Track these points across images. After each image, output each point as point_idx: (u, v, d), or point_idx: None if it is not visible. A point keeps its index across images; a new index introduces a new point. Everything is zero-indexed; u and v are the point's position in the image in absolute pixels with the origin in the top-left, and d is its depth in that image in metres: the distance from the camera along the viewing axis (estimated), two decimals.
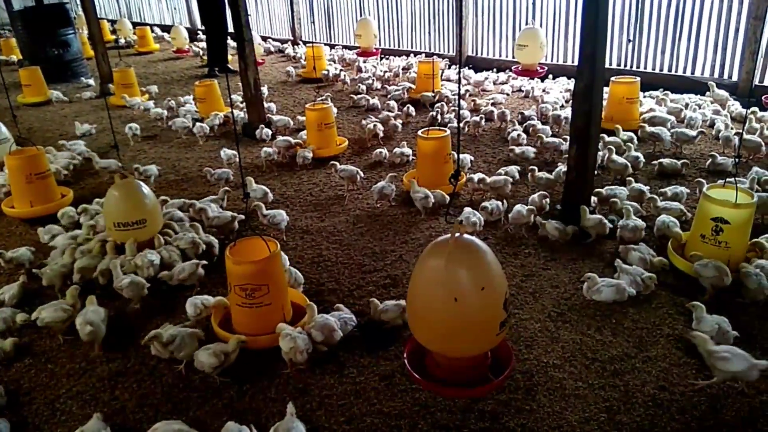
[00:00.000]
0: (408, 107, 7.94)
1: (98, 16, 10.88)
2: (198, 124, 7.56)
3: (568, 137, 5.15)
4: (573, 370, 3.32)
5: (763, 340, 3.48)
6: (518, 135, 6.60)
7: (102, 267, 4.26)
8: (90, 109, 9.70)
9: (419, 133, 5.70)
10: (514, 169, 5.61)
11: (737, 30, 7.98)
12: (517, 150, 6.18)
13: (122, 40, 15.66)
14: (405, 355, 2.88)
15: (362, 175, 5.85)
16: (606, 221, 4.50)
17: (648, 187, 5.14)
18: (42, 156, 5.70)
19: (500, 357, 2.89)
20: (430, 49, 11.74)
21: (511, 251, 4.59)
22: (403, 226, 5.09)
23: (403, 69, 10.41)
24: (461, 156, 5.81)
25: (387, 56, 11.90)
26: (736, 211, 3.88)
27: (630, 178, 5.30)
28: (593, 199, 4.94)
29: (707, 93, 7.82)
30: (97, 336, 3.60)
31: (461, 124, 7.08)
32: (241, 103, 8.27)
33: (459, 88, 3.15)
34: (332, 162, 5.96)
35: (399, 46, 12.44)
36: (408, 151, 6.41)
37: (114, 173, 5.74)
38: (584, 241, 4.57)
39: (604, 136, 5.97)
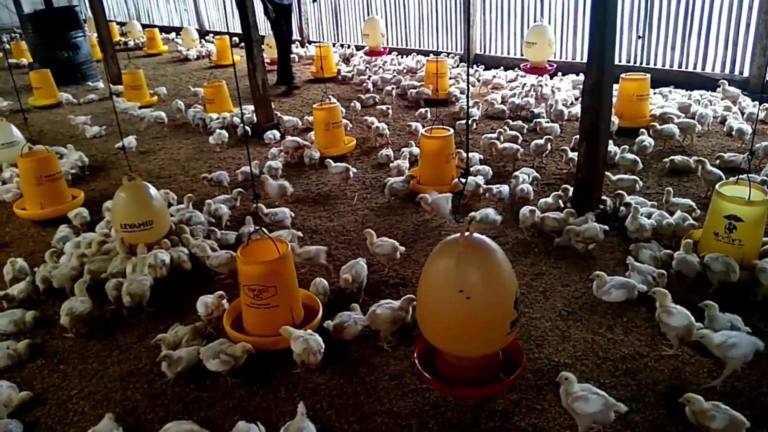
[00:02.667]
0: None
1: (107, 19, 10.95)
2: (218, 131, 7.46)
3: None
4: (584, 369, 3.29)
5: None
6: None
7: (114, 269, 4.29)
8: (100, 111, 9.76)
9: (422, 131, 5.68)
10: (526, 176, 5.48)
11: (748, 25, 7.91)
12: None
13: (132, 43, 15.76)
14: (415, 355, 2.87)
15: (354, 170, 5.88)
16: (600, 229, 4.35)
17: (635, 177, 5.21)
18: (53, 158, 5.74)
19: (512, 356, 2.88)
20: (438, 48, 11.72)
21: (521, 250, 4.57)
22: (412, 225, 5.08)
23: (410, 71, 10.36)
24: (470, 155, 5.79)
25: (402, 54, 11.85)
26: (749, 209, 3.83)
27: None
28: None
29: (718, 90, 7.73)
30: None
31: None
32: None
33: (468, 86, 3.14)
34: (327, 160, 5.97)
35: (407, 45, 12.43)
36: (416, 150, 6.39)
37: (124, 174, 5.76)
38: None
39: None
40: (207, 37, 15.73)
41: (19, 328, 3.91)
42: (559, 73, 9.30)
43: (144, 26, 17.30)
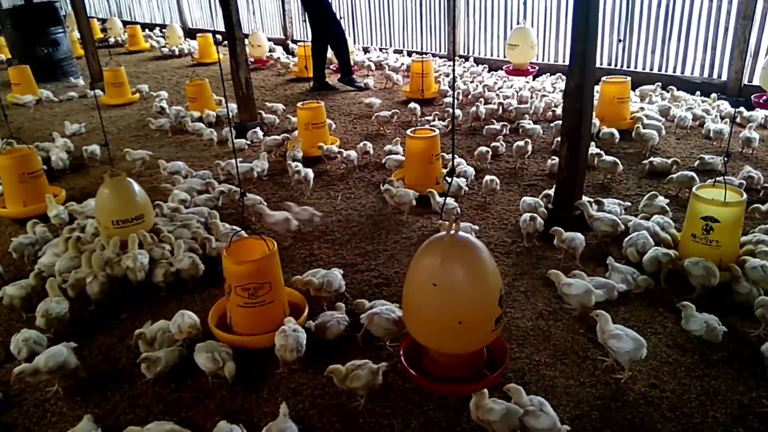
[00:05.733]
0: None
1: (88, 15, 10.81)
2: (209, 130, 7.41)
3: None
4: (565, 369, 3.33)
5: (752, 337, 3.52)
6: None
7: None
8: (80, 108, 9.65)
9: (408, 132, 5.71)
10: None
11: (726, 29, 8.05)
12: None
13: (112, 39, 15.60)
14: (401, 352, 2.88)
15: (260, 170, 6.02)
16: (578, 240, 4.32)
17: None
18: (34, 155, 5.67)
19: (495, 354, 2.90)
20: (422, 49, 11.75)
21: (504, 250, 4.61)
22: (395, 225, 5.09)
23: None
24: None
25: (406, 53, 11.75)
26: (725, 210, 3.90)
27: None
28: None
29: (669, 94, 7.92)
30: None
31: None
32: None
33: (453, 87, 3.15)
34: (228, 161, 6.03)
35: (391, 45, 12.44)
36: (399, 149, 6.40)
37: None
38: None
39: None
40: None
41: None
42: (547, 74, 9.39)
43: (125, 23, 17.12)
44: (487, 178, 5.40)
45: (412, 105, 7.73)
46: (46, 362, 3.17)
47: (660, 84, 8.22)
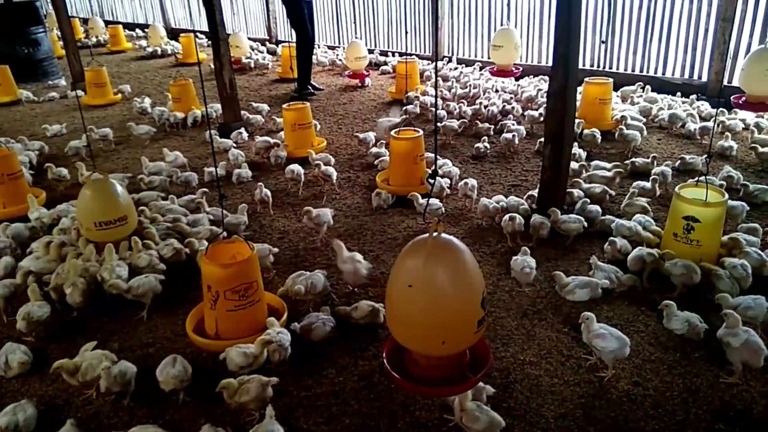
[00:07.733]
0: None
1: (69, 15, 10.69)
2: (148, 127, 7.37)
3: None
4: (549, 367, 3.36)
5: None
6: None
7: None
8: (61, 109, 9.54)
9: (392, 132, 5.71)
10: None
11: (707, 31, 8.17)
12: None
13: (94, 39, 15.43)
14: (384, 355, 2.88)
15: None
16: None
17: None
18: (14, 156, 5.59)
19: (478, 355, 2.91)
20: (406, 50, 11.77)
21: (489, 250, 4.63)
22: (380, 226, 5.10)
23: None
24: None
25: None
26: (706, 210, 3.96)
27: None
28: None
29: (638, 92, 8.03)
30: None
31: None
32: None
33: (436, 88, 3.15)
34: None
35: (375, 46, 12.44)
36: (384, 151, 6.41)
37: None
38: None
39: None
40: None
41: None
42: (530, 75, 9.46)
43: (107, 23, 16.94)
44: (485, 202, 4.98)
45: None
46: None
47: (641, 84, 8.31)
